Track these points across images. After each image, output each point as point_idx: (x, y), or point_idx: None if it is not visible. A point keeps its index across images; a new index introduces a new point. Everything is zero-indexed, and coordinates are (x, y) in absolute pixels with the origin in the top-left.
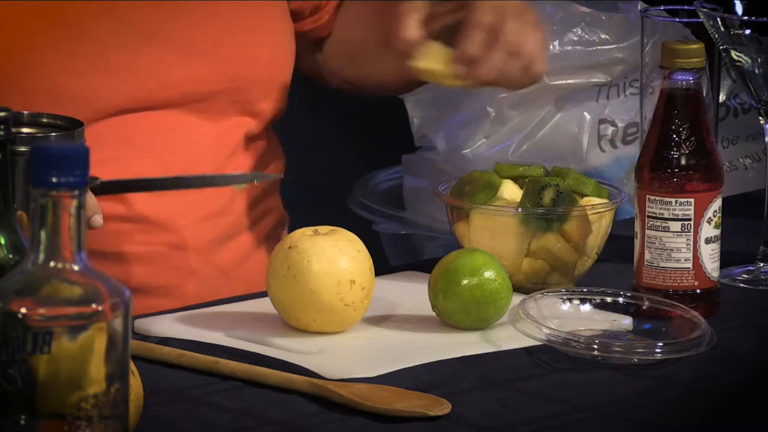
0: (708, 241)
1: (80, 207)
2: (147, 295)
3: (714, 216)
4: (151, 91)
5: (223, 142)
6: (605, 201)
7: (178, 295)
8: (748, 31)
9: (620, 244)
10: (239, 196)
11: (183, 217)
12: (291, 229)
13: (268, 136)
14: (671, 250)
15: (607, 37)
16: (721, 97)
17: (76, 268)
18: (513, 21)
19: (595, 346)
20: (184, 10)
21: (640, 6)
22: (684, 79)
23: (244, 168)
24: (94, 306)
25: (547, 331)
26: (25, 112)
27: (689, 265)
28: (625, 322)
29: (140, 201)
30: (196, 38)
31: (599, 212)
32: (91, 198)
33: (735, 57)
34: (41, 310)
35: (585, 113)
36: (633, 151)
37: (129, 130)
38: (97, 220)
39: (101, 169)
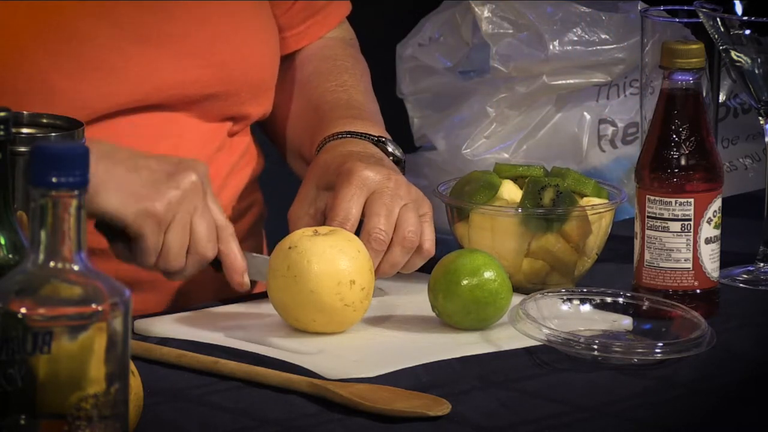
0: (708, 241)
1: (80, 207)
2: (134, 291)
3: (714, 216)
4: (143, 92)
5: (209, 139)
6: (605, 201)
7: (163, 289)
8: (748, 31)
9: (620, 244)
10: (225, 191)
11: None
12: (271, 226)
13: (248, 132)
14: (671, 250)
15: (607, 37)
16: (721, 97)
17: (76, 268)
18: (401, 209)
19: (595, 346)
20: (177, 11)
21: (640, 6)
22: (684, 79)
23: (227, 164)
24: (94, 306)
25: (547, 331)
26: (25, 112)
27: (689, 265)
28: (625, 322)
29: None
30: (189, 40)
31: (599, 212)
32: (240, 262)
33: (735, 57)
34: (41, 310)
35: (585, 113)
36: (633, 151)
37: (119, 130)
38: (246, 281)
39: None
